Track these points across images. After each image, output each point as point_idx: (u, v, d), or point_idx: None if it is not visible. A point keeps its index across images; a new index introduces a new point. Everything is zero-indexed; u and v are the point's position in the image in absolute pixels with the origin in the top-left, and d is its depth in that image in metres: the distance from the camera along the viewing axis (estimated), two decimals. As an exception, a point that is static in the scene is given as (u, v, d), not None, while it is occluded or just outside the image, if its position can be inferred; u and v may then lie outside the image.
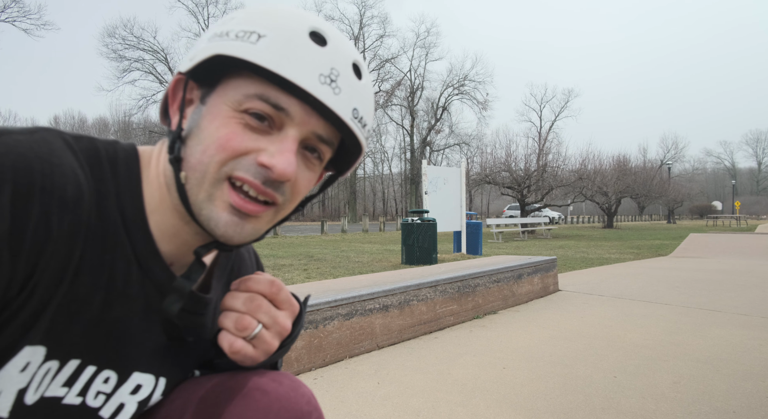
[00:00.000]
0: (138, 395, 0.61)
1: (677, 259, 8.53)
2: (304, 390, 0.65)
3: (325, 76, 0.54)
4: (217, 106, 0.55)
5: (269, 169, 0.54)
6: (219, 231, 0.56)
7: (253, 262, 0.82)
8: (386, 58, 46.82)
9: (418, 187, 42.45)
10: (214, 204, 0.56)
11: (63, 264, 0.51)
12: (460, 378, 2.32)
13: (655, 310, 3.95)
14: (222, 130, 0.54)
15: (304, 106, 0.55)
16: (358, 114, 0.58)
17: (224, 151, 0.54)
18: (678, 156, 62.05)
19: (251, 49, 0.53)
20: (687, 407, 1.98)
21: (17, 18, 27.27)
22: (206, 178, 0.55)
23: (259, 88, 0.54)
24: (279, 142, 0.55)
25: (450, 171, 9.86)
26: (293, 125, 0.55)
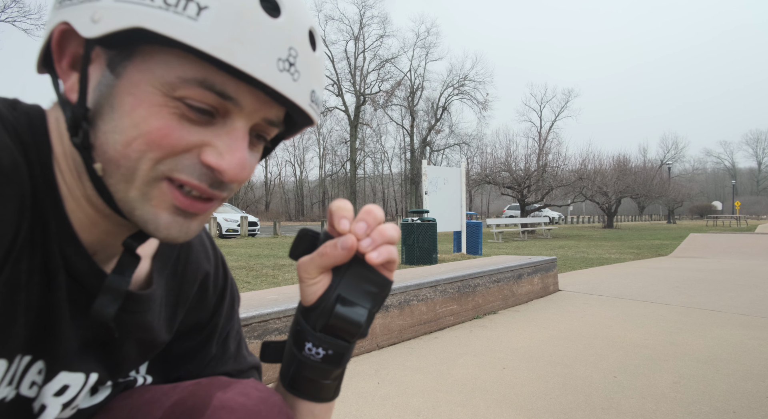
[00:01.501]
0: (63, 397, 0.54)
1: (677, 259, 8.53)
2: (274, 399, 0.58)
3: (283, 61, 0.44)
4: (139, 87, 0.43)
5: (218, 172, 0.46)
6: (161, 234, 0.48)
7: (206, 245, 0.72)
8: (386, 58, 46.81)
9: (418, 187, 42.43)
10: (150, 203, 0.47)
11: (8, 247, 0.43)
12: (460, 378, 2.32)
13: (655, 310, 3.95)
14: (152, 121, 0.43)
15: (256, 93, 0.45)
16: (315, 96, 0.50)
17: (159, 149, 0.44)
18: (678, 156, 62.06)
19: (191, 26, 0.40)
20: (687, 407, 1.98)
21: (17, 18, 27.24)
22: (136, 176, 0.45)
23: (201, 72, 0.43)
24: (226, 136, 0.46)
25: (450, 171, 9.86)
26: (242, 115, 0.46)
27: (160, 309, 0.62)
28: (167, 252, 0.64)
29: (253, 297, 2.59)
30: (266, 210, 52.20)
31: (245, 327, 2.09)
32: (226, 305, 0.74)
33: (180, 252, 0.66)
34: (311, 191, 58.84)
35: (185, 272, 0.67)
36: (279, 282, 5.79)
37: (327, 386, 0.59)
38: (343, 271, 0.56)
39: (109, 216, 0.50)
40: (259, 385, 0.60)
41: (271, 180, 56.21)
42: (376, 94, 46.42)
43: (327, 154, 53.67)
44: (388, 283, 0.57)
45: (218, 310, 0.73)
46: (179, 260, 0.66)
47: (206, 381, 0.60)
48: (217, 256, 0.74)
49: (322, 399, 0.60)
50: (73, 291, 0.51)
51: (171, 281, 0.65)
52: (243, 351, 0.76)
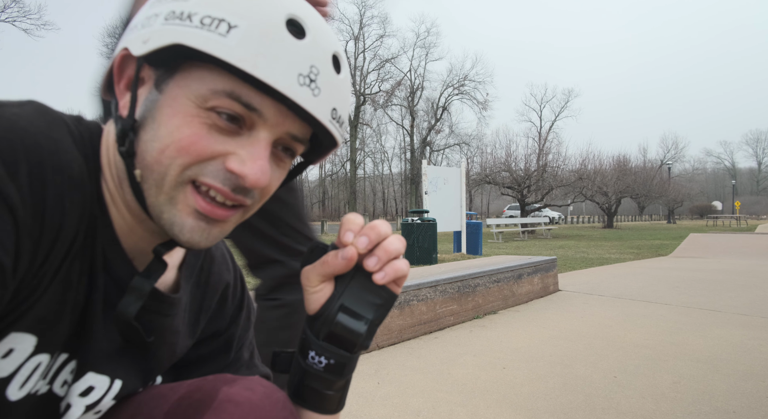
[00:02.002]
0: (88, 398, 0.56)
1: (677, 259, 8.53)
2: (278, 395, 0.59)
3: (305, 76, 0.48)
4: (177, 99, 0.48)
5: (240, 177, 0.49)
6: (184, 237, 0.51)
7: (226, 258, 0.76)
8: (386, 58, 46.83)
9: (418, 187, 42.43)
10: (176, 208, 0.50)
11: (67, 248, 0.48)
12: (460, 378, 2.32)
13: (655, 310, 3.95)
14: (184, 129, 0.48)
15: (279, 106, 0.49)
16: (336, 114, 0.53)
17: (187, 155, 0.48)
18: (678, 156, 62.09)
19: (221, 42, 0.45)
20: (687, 407, 1.98)
21: (17, 18, 27.27)
22: (166, 180, 0.49)
23: (229, 84, 0.47)
24: (250, 146, 0.49)
25: (450, 171, 9.86)
26: (266, 127, 0.50)
27: (184, 314, 0.65)
28: (192, 261, 0.67)
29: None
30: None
31: (245, 327, 2.10)
32: (243, 316, 0.78)
33: (203, 262, 0.70)
34: (311, 191, 58.87)
35: (208, 281, 0.70)
36: (279, 282, 5.79)
37: (330, 397, 0.60)
38: (347, 281, 0.57)
39: (144, 222, 0.54)
40: (264, 382, 0.61)
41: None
42: (376, 94, 46.43)
43: (327, 153, 53.59)
44: (392, 297, 0.58)
45: (236, 320, 0.76)
46: (203, 270, 0.70)
47: (212, 378, 0.62)
48: (236, 269, 0.78)
49: (326, 411, 0.61)
50: (111, 294, 0.54)
51: (195, 289, 0.68)
52: (255, 360, 0.79)
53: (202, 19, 0.46)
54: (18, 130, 0.44)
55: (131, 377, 0.60)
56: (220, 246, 0.76)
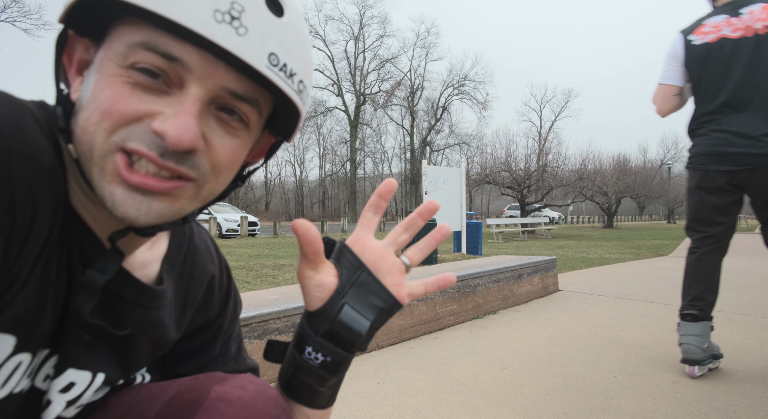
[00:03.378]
0: (68, 394, 0.54)
1: (677, 259, 8.53)
2: (270, 392, 0.59)
3: (223, 13, 0.42)
4: (102, 63, 0.45)
5: (161, 136, 0.44)
6: (118, 211, 0.46)
7: (211, 250, 0.73)
8: (386, 58, 46.84)
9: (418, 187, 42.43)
10: (105, 179, 0.45)
11: (42, 243, 0.45)
12: (460, 378, 2.32)
13: (655, 310, 3.95)
14: (106, 91, 0.44)
15: (203, 54, 0.44)
16: (277, 60, 0.46)
17: (110, 117, 0.44)
18: (678, 156, 61.97)
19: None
20: (687, 407, 1.98)
21: (17, 18, 27.25)
22: (94, 150, 0.45)
23: (144, 34, 0.43)
24: (177, 104, 0.44)
25: (450, 171, 9.86)
26: (194, 80, 0.44)
27: (170, 308, 0.63)
28: (175, 254, 0.65)
29: (253, 297, 2.59)
30: (266, 210, 52.23)
31: (245, 327, 2.09)
32: (230, 308, 0.76)
33: (187, 255, 0.68)
34: (311, 191, 58.85)
35: (192, 274, 0.68)
36: (279, 282, 5.79)
37: (322, 393, 0.60)
38: (352, 281, 0.57)
39: (100, 206, 0.50)
40: (255, 379, 0.61)
41: (271, 180, 56.21)
42: (376, 94, 46.43)
43: (327, 154, 53.70)
44: (395, 303, 0.58)
45: (223, 312, 0.75)
46: (186, 262, 0.67)
47: (203, 376, 0.61)
48: (221, 260, 0.76)
49: (316, 406, 0.61)
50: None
51: (179, 283, 0.66)
52: (243, 353, 0.78)
53: None
54: None
55: (113, 370, 0.58)
56: (204, 237, 0.73)
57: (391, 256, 0.60)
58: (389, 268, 0.59)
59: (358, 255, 0.59)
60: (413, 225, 0.61)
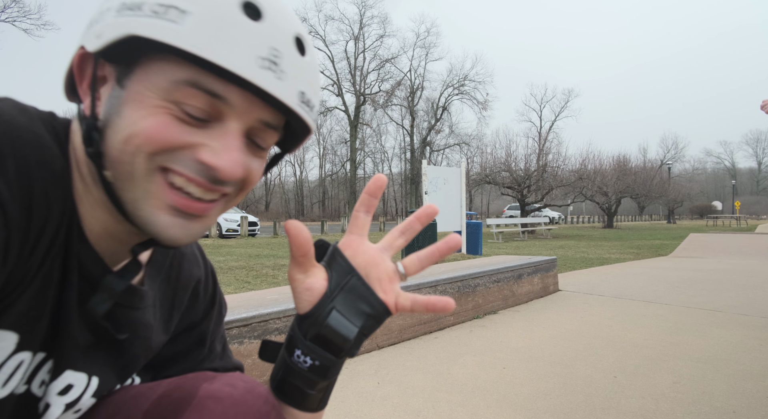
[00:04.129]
0: (66, 396, 0.55)
1: (677, 259, 8.53)
2: (260, 389, 0.59)
3: (265, 59, 0.46)
4: (141, 93, 0.46)
5: (213, 169, 0.47)
6: (163, 235, 0.49)
7: (196, 254, 0.75)
8: (386, 58, 46.83)
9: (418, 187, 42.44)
10: (150, 204, 0.48)
11: (49, 244, 0.47)
12: (460, 378, 2.32)
13: (655, 310, 3.95)
14: (150, 119, 0.46)
15: (244, 93, 0.47)
16: (305, 97, 0.51)
17: (153, 143, 0.46)
18: (678, 156, 62.07)
19: (173, 29, 0.43)
20: (687, 407, 1.98)
21: (17, 18, 27.26)
22: (136, 172, 0.47)
23: (190, 73, 0.45)
24: (221, 138, 0.48)
25: (450, 171, 9.85)
26: (235, 116, 0.48)
27: (155, 311, 0.64)
28: (160, 259, 0.66)
29: (253, 297, 2.59)
30: (266, 210, 52.22)
31: (245, 327, 2.09)
32: (215, 310, 0.78)
33: (173, 259, 0.69)
34: (311, 191, 58.86)
35: (179, 278, 0.70)
36: (279, 282, 5.79)
37: (312, 396, 0.60)
38: (341, 285, 0.56)
39: (121, 223, 0.52)
40: (244, 377, 0.61)
41: (271, 180, 56.18)
42: (376, 94, 46.43)
43: (327, 154, 53.70)
44: (385, 311, 0.58)
45: (208, 314, 0.76)
46: (172, 267, 0.69)
47: (192, 375, 0.61)
48: (206, 264, 0.77)
49: (307, 409, 0.61)
50: (84, 292, 0.53)
51: (165, 286, 0.67)
52: (228, 352, 0.80)
53: (153, 7, 0.44)
54: (3, 123, 0.43)
55: (108, 374, 0.59)
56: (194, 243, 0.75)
57: (385, 262, 0.59)
58: (381, 274, 0.58)
59: (350, 259, 0.58)
60: (410, 229, 0.60)
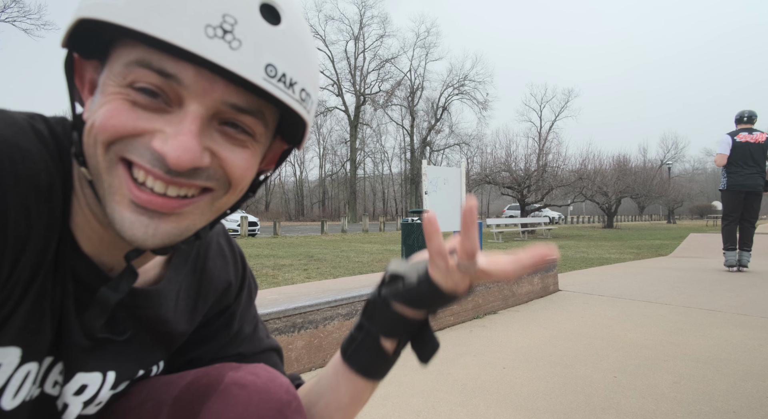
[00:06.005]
0: (83, 395, 0.56)
1: (677, 259, 8.53)
2: (281, 380, 0.61)
3: (215, 27, 0.41)
4: (105, 84, 0.45)
5: (162, 156, 0.44)
6: (126, 233, 0.46)
7: (222, 243, 0.73)
8: (386, 58, 46.84)
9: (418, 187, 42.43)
10: (114, 199, 0.46)
11: (39, 259, 0.47)
12: (460, 378, 2.32)
13: (655, 310, 3.95)
14: (104, 107, 0.44)
15: (199, 70, 0.43)
16: (275, 71, 0.44)
17: (106, 131, 0.44)
18: (678, 156, 62.11)
19: (111, 4, 0.42)
20: (687, 407, 1.98)
21: (17, 18, 27.28)
22: (99, 164, 0.45)
23: (139, 53, 0.43)
24: (177, 122, 0.44)
25: (450, 171, 9.83)
26: (192, 97, 0.44)
27: (176, 302, 0.64)
28: (186, 249, 0.66)
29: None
30: (266, 210, 52.23)
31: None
32: (245, 293, 0.78)
33: (199, 249, 0.69)
34: (311, 191, 58.87)
35: (204, 267, 0.70)
36: (279, 282, 5.79)
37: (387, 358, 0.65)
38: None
39: (108, 227, 0.51)
40: (267, 368, 0.63)
41: (271, 180, 56.18)
42: (376, 94, 46.43)
43: (327, 154, 53.71)
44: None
45: (238, 298, 0.77)
46: (198, 256, 0.69)
47: (218, 365, 0.64)
48: (234, 250, 0.77)
49: (372, 374, 0.65)
50: (82, 298, 0.53)
51: (190, 276, 0.67)
52: (259, 333, 0.79)
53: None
54: None
55: (124, 366, 0.60)
56: (217, 229, 0.73)
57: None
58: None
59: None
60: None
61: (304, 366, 2.39)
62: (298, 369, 2.35)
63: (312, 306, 2.42)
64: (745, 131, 5.94)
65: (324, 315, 2.49)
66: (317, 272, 6.76)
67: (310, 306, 2.39)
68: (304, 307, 2.36)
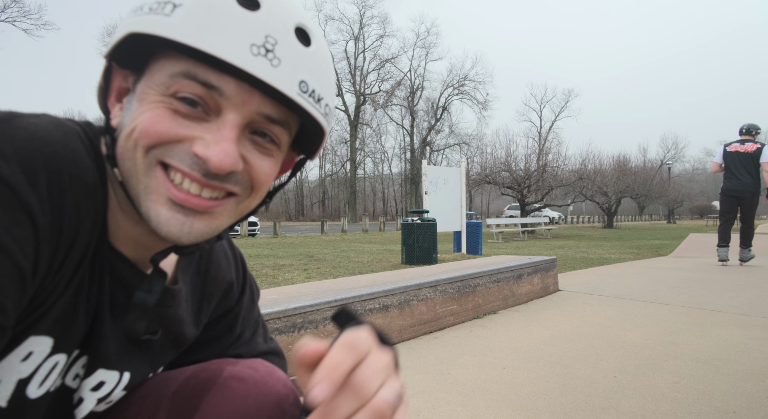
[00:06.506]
0: (99, 392, 0.58)
1: (677, 259, 8.53)
2: (279, 374, 0.63)
3: (259, 46, 0.46)
4: (144, 92, 0.48)
5: (204, 160, 0.47)
6: (162, 230, 0.49)
7: (225, 247, 0.76)
8: (386, 58, 46.84)
9: (418, 187, 42.42)
10: (150, 198, 0.49)
11: (82, 253, 0.49)
12: (460, 378, 2.32)
13: (655, 310, 3.95)
14: (146, 113, 0.47)
15: (240, 83, 0.47)
16: (307, 87, 0.49)
17: (149, 136, 0.47)
18: (678, 156, 62.16)
19: (165, 22, 0.45)
20: (687, 407, 1.98)
21: (17, 18, 27.29)
22: (136, 166, 0.48)
23: (184, 65, 0.47)
24: (216, 130, 0.48)
25: (450, 171, 9.85)
26: (231, 107, 0.48)
27: (187, 305, 0.66)
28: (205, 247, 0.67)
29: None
30: (266, 210, 52.22)
31: (245, 327, 2.09)
32: (246, 297, 0.80)
33: (202, 251, 0.70)
34: (311, 191, 58.87)
35: (208, 270, 0.72)
36: (279, 282, 5.79)
37: None
38: None
39: (138, 223, 0.54)
40: (264, 362, 0.65)
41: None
42: (376, 94, 46.43)
43: (327, 153, 53.67)
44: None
45: (239, 302, 0.78)
46: (202, 259, 0.71)
47: (217, 360, 0.66)
48: (236, 254, 0.79)
49: None
50: (117, 296, 0.55)
51: (195, 279, 0.69)
52: (258, 337, 0.81)
53: (151, 5, 0.47)
54: (37, 139, 0.45)
55: (139, 368, 0.62)
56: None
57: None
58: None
59: None
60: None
61: (304, 366, 2.38)
62: (298, 369, 2.35)
63: (312, 306, 2.42)
64: (738, 142, 6.85)
65: (324, 315, 2.49)
66: (317, 272, 6.76)
67: (310, 306, 2.39)
68: (304, 307, 2.36)
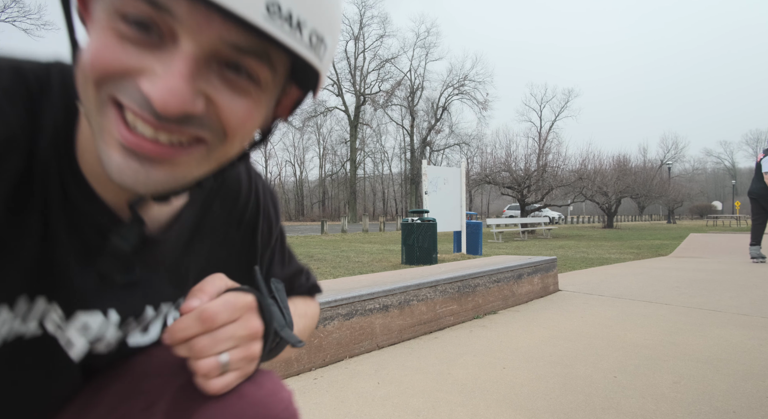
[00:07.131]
0: (87, 334, 0.57)
1: (677, 259, 8.53)
2: (283, 394, 0.59)
3: None
4: (97, 14, 0.41)
5: (149, 100, 0.40)
6: (115, 177, 0.43)
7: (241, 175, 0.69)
8: (386, 58, 46.84)
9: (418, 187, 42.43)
10: (104, 140, 0.42)
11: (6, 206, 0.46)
12: (460, 378, 2.32)
13: (655, 310, 3.95)
14: (94, 43, 0.40)
15: (194, 4, 0.38)
16: (278, 8, 0.39)
17: (95, 69, 0.40)
18: (678, 156, 62.10)
19: None
20: (687, 407, 1.98)
21: (17, 18, 27.29)
22: (90, 105, 0.42)
23: None
24: (168, 61, 0.40)
25: (450, 171, 9.85)
26: (186, 33, 0.39)
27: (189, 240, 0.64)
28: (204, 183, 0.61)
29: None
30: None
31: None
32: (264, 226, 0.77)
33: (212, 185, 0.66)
34: (311, 191, 58.86)
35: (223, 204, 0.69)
36: (279, 282, 5.79)
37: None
38: None
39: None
40: (273, 376, 0.62)
41: (271, 180, 56.15)
42: (376, 94, 46.43)
43: (327, 153, 53.70)
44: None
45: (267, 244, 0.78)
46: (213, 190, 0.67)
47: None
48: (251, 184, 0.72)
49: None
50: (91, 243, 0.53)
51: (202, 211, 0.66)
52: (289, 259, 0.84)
53: None
54: None
55: (125, 304, 0.59)
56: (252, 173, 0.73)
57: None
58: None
59: None
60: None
61: (304, 366, 2.39)
62: (298, 369, 2.35)
63: (312, 306, 2.42)
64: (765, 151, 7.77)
65: (324, 315, 2.49)
66: (317, 272, 6.76)
67: (310, 306, 2.39)
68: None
